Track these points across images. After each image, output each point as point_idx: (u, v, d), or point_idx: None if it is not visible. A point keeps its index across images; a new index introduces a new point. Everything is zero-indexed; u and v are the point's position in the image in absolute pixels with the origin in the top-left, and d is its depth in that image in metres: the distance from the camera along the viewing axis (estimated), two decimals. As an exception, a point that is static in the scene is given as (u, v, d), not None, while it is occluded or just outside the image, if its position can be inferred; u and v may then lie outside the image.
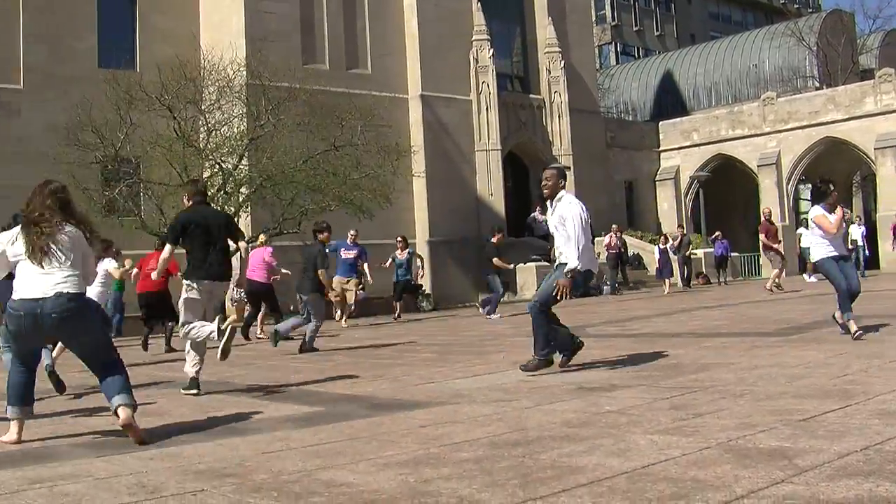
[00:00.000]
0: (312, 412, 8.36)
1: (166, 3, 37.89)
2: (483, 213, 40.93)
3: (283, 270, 21.84)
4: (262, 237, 21.87)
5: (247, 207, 31.21)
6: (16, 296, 7.31)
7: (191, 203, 11.01)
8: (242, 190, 30.64)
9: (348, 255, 24.36)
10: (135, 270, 19.12)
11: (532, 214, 40.98)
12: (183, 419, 8.28)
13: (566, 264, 9.94)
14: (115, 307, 24.50)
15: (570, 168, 42.71)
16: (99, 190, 30.17)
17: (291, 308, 24.80)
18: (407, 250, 26.65)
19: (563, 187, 10.40)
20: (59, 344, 10.52)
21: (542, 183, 10.44)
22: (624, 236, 39.05)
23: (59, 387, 10.82)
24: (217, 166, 30.58)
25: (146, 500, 5.04)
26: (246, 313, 20.69)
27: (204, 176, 30.30)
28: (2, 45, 34.09)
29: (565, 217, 10.05)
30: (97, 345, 7.51)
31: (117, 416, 7.18)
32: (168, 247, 11.00)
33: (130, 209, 30.27)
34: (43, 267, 7.26)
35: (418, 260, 26.94)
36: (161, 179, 29.74)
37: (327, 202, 29.98)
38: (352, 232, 24.78)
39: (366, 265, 24.77)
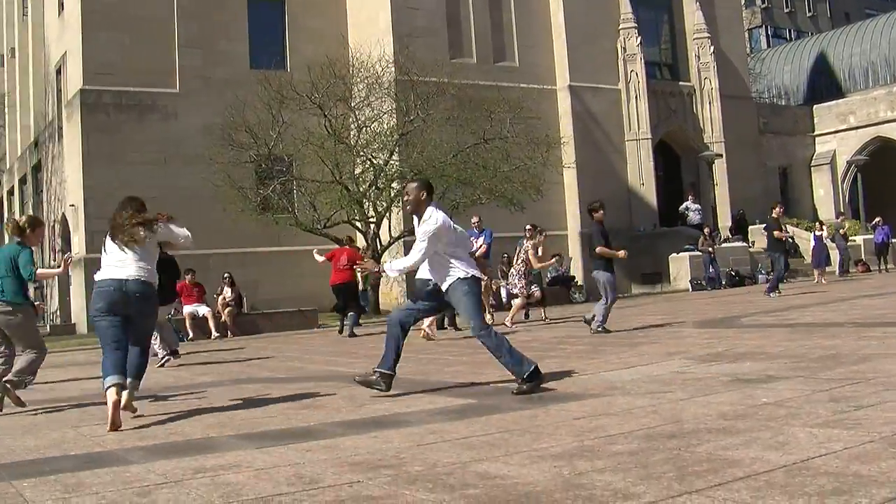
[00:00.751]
0: (465, 404, 8.39)
1: (314, 4, 38.48)
2: (634, 204, 40.64)
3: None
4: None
5: (398, 202, 31.49)
6: (103, 275, 8.68)
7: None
8: (394, 185, 30.92)
9: (477, 243, 21.25)
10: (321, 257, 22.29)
11: (685, 203, 40.47)
12: (339, 412, 8.40)
13: (459, 278, 9.22)
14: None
15: (721, 155, 42.11)
16: (253, 188, 30.87)
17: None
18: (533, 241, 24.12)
19: (428, 201, 9.47)
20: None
21: (404, 199, 9.71)
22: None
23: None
24: (368, 162, 30.95)
25: (304, 491, 5.11)
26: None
27: (356, 172, 30.73)
28: (159, 52, 35.09)
29: (418, 233, 9.32)
30: (147, 329, 9.08)
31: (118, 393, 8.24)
32: None
33: (284, 206, 30.86)
34: (126, 254, 8.67)
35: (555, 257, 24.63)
36: (313, 176, 30.29)
37: (478, 195, 30.08)
38: (475, 218, 22.65)
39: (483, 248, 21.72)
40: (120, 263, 8.64)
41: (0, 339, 10.31)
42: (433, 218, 9.21)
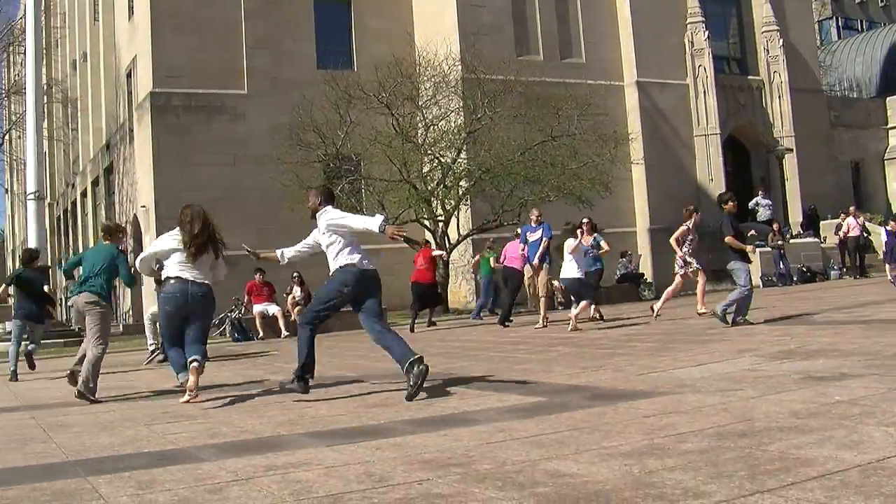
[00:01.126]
0: (535, 402, 8.36)
1: (380, 4, 38.59)
2: (703, 200, 40.18)
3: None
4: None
5: (467, 200, 31.51)
6: (170, 283, 10.39)
7: None
8: (462, 183, 30.96)
9: (533, 237, 20.31)
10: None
11: (755, 199, 40.03)
12: (408, 410, 8.41)
13: (341, 267, 9.79)
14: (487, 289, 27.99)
15: (791, 150, 41.63)
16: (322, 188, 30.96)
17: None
18: (594, 235, 21.37)
19: (325, 204, 10.30)
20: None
21: (307, 205, 10.71)
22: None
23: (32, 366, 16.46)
24: (436, 160, 30.97)
25: (374, 489, 5.13)
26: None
27: (423, 170, 30.79)
28: (227, 54, 35.40)
29: (329, 223, 9.96)
30: (205, 327, 10.65)
31: (187, 368, 10.16)
32: None
33: (353, 206, 30.94)
34: (192, 263, 10.40)
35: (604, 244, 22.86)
36: (381, 175, 30.38)
37: (546, 192, 29.99)
38: (535, 212, 21.00)
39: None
40: (187, 271, 10.43)
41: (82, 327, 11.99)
42: (329, 209, 10.22)
